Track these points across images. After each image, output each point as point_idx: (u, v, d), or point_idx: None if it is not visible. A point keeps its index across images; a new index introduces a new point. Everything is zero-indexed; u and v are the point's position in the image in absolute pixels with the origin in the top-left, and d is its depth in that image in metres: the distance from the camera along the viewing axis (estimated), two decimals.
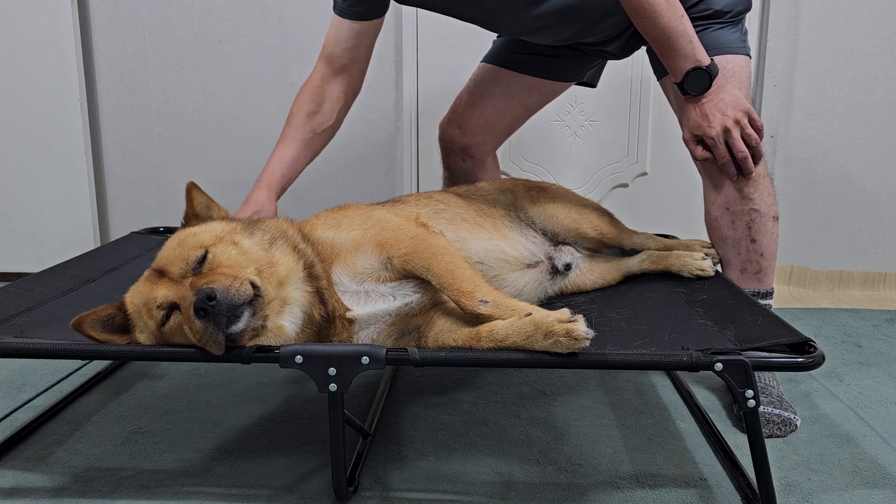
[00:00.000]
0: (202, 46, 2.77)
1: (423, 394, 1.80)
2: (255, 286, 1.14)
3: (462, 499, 1.34)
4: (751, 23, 2.64)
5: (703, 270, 1.64)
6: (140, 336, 1.20)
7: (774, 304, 1.75)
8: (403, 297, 1.29)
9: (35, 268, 2.63)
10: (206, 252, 1.17)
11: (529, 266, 1.58)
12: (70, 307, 1.48)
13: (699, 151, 1.64)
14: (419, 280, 1.30)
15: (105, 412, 1.70)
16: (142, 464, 1.46)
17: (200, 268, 1.15)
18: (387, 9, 1.77)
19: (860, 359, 2.07)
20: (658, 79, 1.80)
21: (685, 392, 1.79)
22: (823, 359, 1.16)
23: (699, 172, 1.72)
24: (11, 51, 2.68)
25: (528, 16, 1.68)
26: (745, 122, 1.57)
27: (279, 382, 1.85)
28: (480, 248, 1.48)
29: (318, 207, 1.50)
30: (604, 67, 2.09)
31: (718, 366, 1.14)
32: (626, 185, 2.80)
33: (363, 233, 1.32)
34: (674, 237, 1.89)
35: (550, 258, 1.64)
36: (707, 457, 1.49)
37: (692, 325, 1.35)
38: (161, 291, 1.16)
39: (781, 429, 1.58)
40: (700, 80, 1.56)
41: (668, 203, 2.78)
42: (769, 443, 1.52)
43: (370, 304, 1.28)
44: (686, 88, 1.57)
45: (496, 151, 2.15)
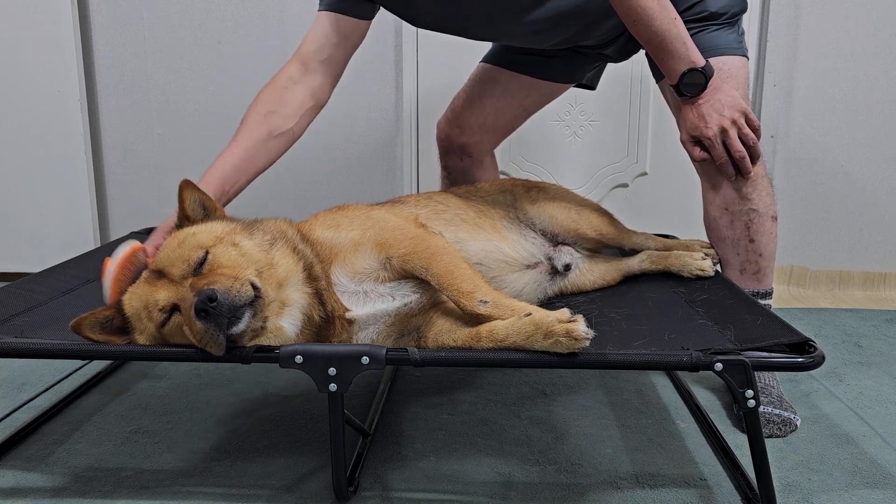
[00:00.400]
0: (202, 46, 2.77)
1: (423, 394, 1.80)
2: (256, 287, 1.13)
3: (462, 499, 1.34)
4: (751, 23, 2.65)
5: (703, 270, 1.64)
6: (139, 338, 1.20)
7: (774, 304, 1.75)
8: (402, 298, 1.29)
9: (35, 268, 2.63)
10: (207, 253, 1.17)
11: (529, 267, 1.58)
12: (70, 307, 1.48)
13: (697, 152, 1.64)
14: (418, 280, 1.30)
15: (105, 412, 1.70)
16: (142, 464, 1.46)
17: (201, 269, 1.15)
18: (373, 15, 1.75)
19: (860, 359, 2.07)
20: (656, 81, 1.80)
21: (685, 392, 1.79)
22: (823, 359, 1.16)
23: (697, 173, 1.72)
24: (11, 51, 2.68)
25: (523, 21, 1.68)
26: (742, 123, 1.57)
27: (279, 382, 1.85)
28: (480, 249, 1.48)
29: (318, 207, 1.50)
30: (603, 69, 2.09)
31: (718, 366, 1.14)
32: (626, 185, 2.80)
33: (362, 233, 1.32)
34: (674, 237, 1.89)
35: (550, 259, 1.64)
36: (707, 457, 1.49)
37: (692, 325, 1.35)
38: (161, 293, 1.15)
39: (781, 429, 1.58)
40: (695, 81, 1.56)
41: (668, 203, 2.78)
42: (769, 443, 1.52)
43: (369, 305, 1.28)
44: (682, 90, 1.57)
45: (494, 151, 2.15)
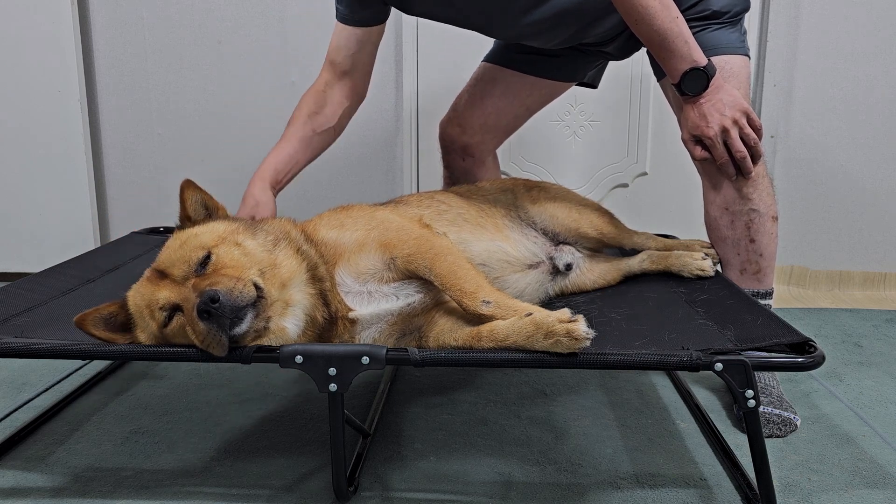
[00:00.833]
0: (202, 46, 2.77)
1: (423, 394, 1.80)
2: (259, 287, 1.13)
3: (462, 499, 1.34)
4: (751, 23, 2.65)
5: (703, 270, 1.64)
6: (141, 336, 1.20)
7: (774, 304, 1.75)
8: (406, 298, 1.29)
9: (35, 268, 2.63)
10: (209, 253, 1.16)
11: (531, 266, 1.58)
12: (70, 307, 1.48)
13: (698, 152, 1.64)
14: (422, 280, 1.30)
15: (105, 412, 1.70)
16: (142, 464, 1.46)
17: (203, 269, 1.15)
18: (387, 16, 1.78)
19: (860, 359, 2.07)
20: (658, 80, 1.80)
21: (685, 392, 1.79)
22: (823, 359, 1.16)
23: (698, 172, 1.73)
24: (11, 51, 2.68)
25: (524, 22, 1.69)
26: (744, 122, 1.57)
27: (279, 382, 1.85)
28: (483, 250, 1.48)
29: (319, 207, 1.50)
30: (605, 68, 2.09)
31: (718, 366, 1.14)
32: (626, 185, 2.80)
33: (366, 233, 1.32)
34: (674, 237, 1.89)
35: (551, 258, 1.64)
36: (707, 457, 1.49)
37: (692, 325, 1.35)
38: (164, 293, 1.15)
39: (781, 429, 1.58)
40: (697, 81, 1.56)
41: (668, 203, 2.78)
42: (769, 443, 1.52)
43: (373, 305, 1.28)
44: (683, 89, 1.57)
45: (496, 150, 2.15)
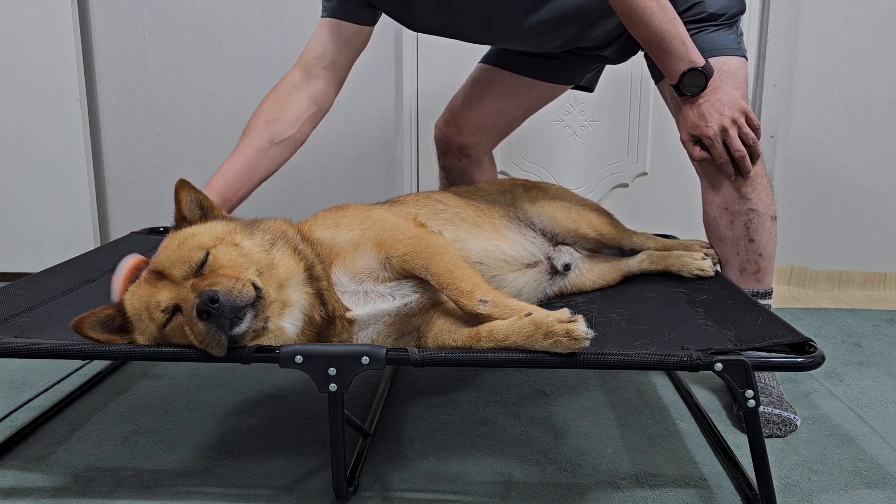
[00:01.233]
0: (202, 46, 2.77)
1: (423, 394, 1.80)
2: (257, 288, 1.13)
3: (462, 499, 1.34)
4: (751, 23, 2.65)
5: (703, 270, 1.64)
6: (139, 338, 1.20)
7: (774, 304, 1.75)
8: (403, 297, 1.29)
9: (35, 268, 2.63)
10: (207, 254, 1.16)
11: (528, 266, 1.58)
12: (70, 307, 1.48)
13: (697, 152, 1.64)
14: (418, 280, 1.30)
15: (105, 412, 1.70)
16: (142, 464, 1.46)
17: (201, 269, 1.15)
18: (375, 21, 1.75)
19: (860, 359, 2.07)
20: (655, 83, 1.80)
21: (685, 392, 1.79)
22: (823, 359, 1.16)
23: (697, 173, 1.73)
24: (11, 51, 2.68)
25: (523, 25, 1.69)
26: (743, 122, 1.57)
27: (279, 382, 1.85)
28: (480, 249, 1.48)
29: (318, 207, 1.50)
30: (602, 71, 2.09)
31: (718, 366, 1.14)
32: (626, 185, 2.80)
33: (362, 233, 1.32)
34: (674, 237, 1.89)
35: (549, 258, 1.64)
36: (707, 457, 1.49)
37: (692, 325, 1.35)
38: (163, 294, 1.15)
39: (781, 429, 1.58)
40: (696, 81, 1.56)
41: (668, 203, 2.78)
42: (769, 443, 1.52)
43: (369, 305, 1.28)
44: (682, 90, 1.58)
45: (493, 151, 2.15)
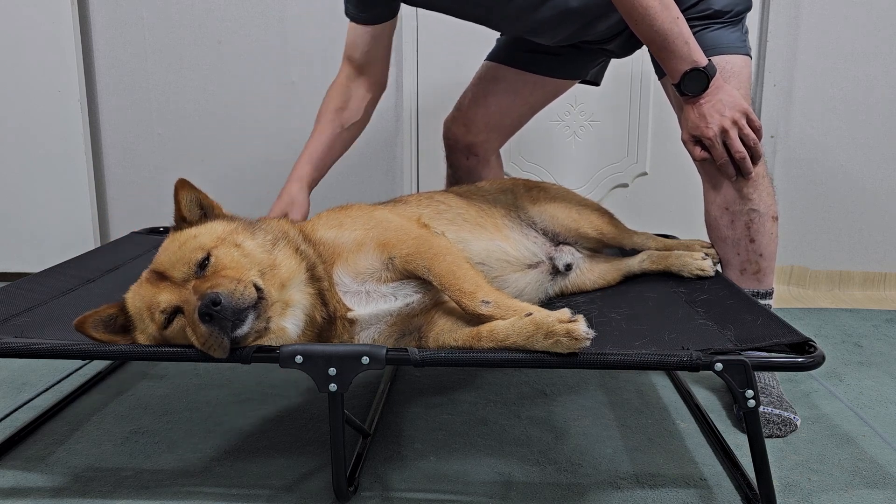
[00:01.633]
0: (202, 46, 2.77)
1: (423, 394, 1.80)
2: (259, 289, 1.13)
3: (462, 499, 1.34)
4: (751, 23, 2.64)
5: (703, 270, 1.64)
6: (140, 338, 1.20)
7: (774, 304, 1.75)
8: (405, 298, 1.29)
9: (35, 268, 2.63)
10: (209, 254, 1.16)
11: (530, 266, 1.58)
12: (70, 307, 1.48)
13: (697, 152, 1.64)
14: (420, 280, 1.30)
15: (105, 412, 1.70)
16: (142, 464, 1.46)
17: (203, 270, 1.15)
18: (397, 11, 1.79)
19: (860, 359, 2.07)
20: (659, 78, 1.80)
21: (685, 392, 1.79)
22: (823, 359, 1.16)
23: (699, 172, 1.73)
24: (11, 51, 2.68)
25: (531, 18, 1.69)
26: (743, 123, 1.57)
27: (279, 382, 1.85)
28: (482, 249, 1.48)
29: (319, 207, 1.51)
30: (607, 65, 2.09)
31: (718, 366, 1.14)
32: (626, 185, 2.80)
33: (365, 233, 1.32)
34: (674, 237, 1.89)
35: (551, 258, 1.64)
36: (707, 457, 1.49)
37: (692, 325, 1.35)
38: (164, 295, 1.15)
39: (781, 429, 1.58)
40: (697, 81, 1.56)
41: (668, 203, 2.78)
42: (769, 443, 1.52)
43: (371, 305, 1.28)
44: (683, 90, 1.57)
45: (500, 150, 2.16)
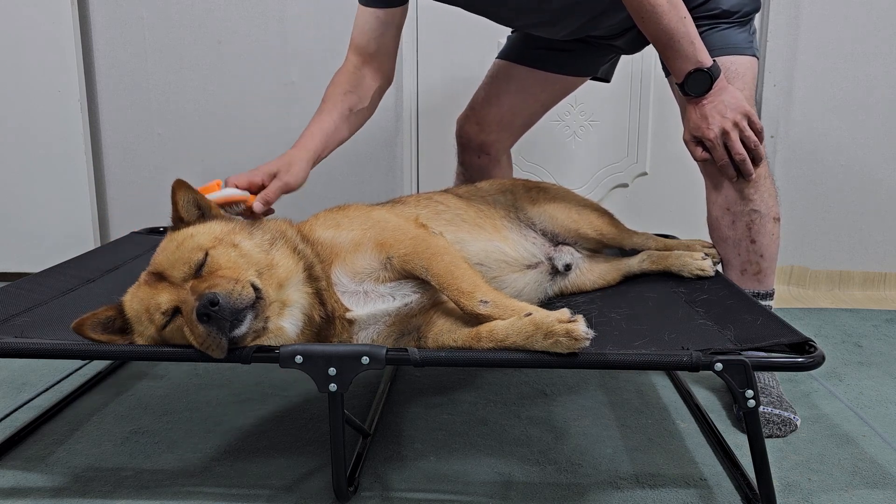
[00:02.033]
0: (202, 46, 2.77)
1: (423, 394, 1.80)
2: (257, 289, 1.13)
3: (462, 499, 1.34)
4: None
5: (703, 270, 1.64)
6: (138, 339, 1.20)
7: (774, 305, 1.75)
8: (403, 298, 1.29)
9: (35, 268, 2.62)
10: (206, 255, 1.16)
11: (529, 267, 1.58)
12: (70, 307, 1.48)
13: (699, 152, 1.64)
14: (418, 280, 1.30)
15: (105, 412, 1.70)
16: (142, 464, 1.46)
17: (201, 271, 1.15)
18: None
19: (860, 359, 2.07)
20: (666, 75, 1.79)
21: (685, 392, 1.79)
22: (823, 359, 1.16)
23: (701, 172, 1.73)
24: (11, 51, 2.68)
25: (538, 9, 1.71)
26: (745, 125, 1.57)
27: (279, 382, 1.85)
28: (480, 250, 1.48)
29: (318, 207, 1.50)
30: (617, 62, 2.10)
31: (718, 366, 1.14)
32: (626, 185, 2.80)
33: (363, 233, 1.32)
34: (674, 237, 1.89)
35: (550, 259, 1.64)
36: (707, 457, 1.49)
37: (692, 325, 1.35)
38: (162, 296, 1.15)
39: (781, 429, 1.58)
40: (700, 82, 1.56)
41: (668, 203, 2.78)
42: (769, 443, 1.52)
43: (370, 305, 1.28)
44: (687, 90, 1.58)
45: (510, 150, 2.16)
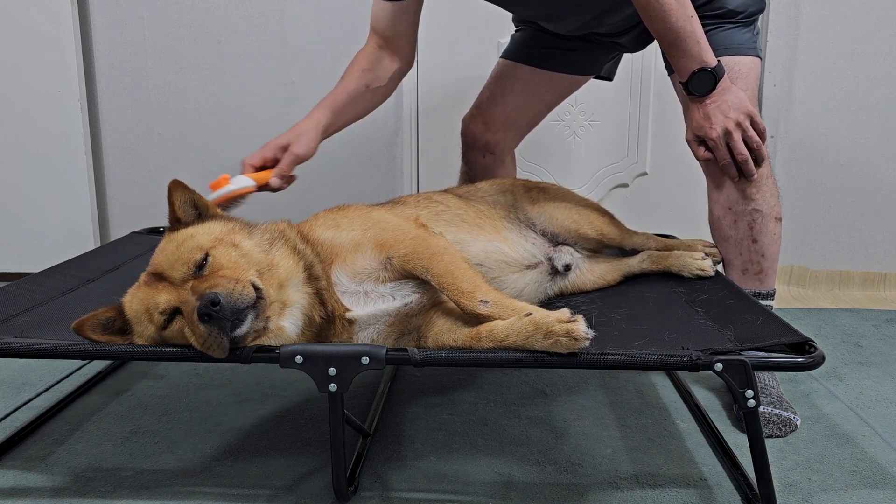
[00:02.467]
0: (202, 46, 2.77)
1: (423, 394, 1.80)
2: (258, 288, 1.13)
3: (462, 499, 1.34)
4: None
5: (703, 270, 1.64)
6: (138, 340, 1.20)
7: (775, 305, 1.75)
8: (403, 298, 1.29)
9: (35, 268, 2.61)
10: (207, 255, 1.16)
11: (529, 267, 1.58)
12: (70, 307, 1.48)
13: (701, 152, 1.64)
14: (418, 280, 1.30)
15: (105, 412, 1.70)
16: (142, 464, 1.46)
17: (201, 271, 1.15)
18: None
19: (860, 359, 2.07)
20: (669, 74, 1.80)
21: (685, 392, 1.79)
22: (823, 359, 1.16)
23: (703, 172, 1.73)
24: (11, 51, 2.68)
25: (543, 2, 1.73)
26: (747, 125, 1.57)
27: (279, 382, 1.85)
28: (480, 250, 1.48)
29: (318, 207, 1.50)
30: (620, 60, 2.10)
31: (718, 366, 1.14)
32: (626, 185, 2.80)
33: (363, 233, 1.32)
34: (674, 237, 1.89)
35: (550, 259, 1.64)
36: (707, 457, 1.49)
37: (692, 325, 1.35)
38: (163, 296, 1.15)
39: (781, 429, 1.58)
40: (705, 82, 1.56)
41: (668, 203, 2.78)
42: (769, 443, 1.52)
43: (370, 305, 1.28)
44: (690, 89, 1.58)
45: (514, 150, 2.16)
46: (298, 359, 1.14)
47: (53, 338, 1.27)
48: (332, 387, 1.15)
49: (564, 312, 1.13)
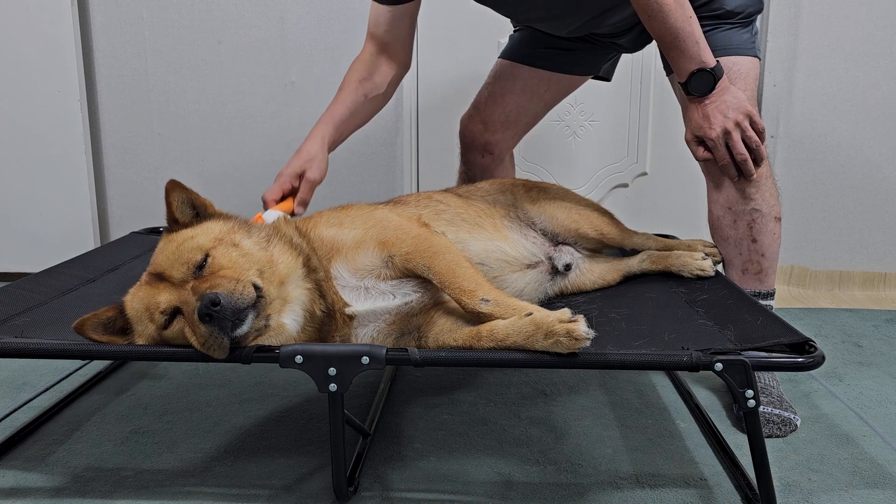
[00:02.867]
0: (202, 46, 2.77)
1: (423, 394, 1.80)
2: (258, 288, 1.13)
3: (462, 499, 1.34)
4: None
5: (704, 270, 1.64)
6: (138, 339, 1.20)
7: (775, 304, 1.75)
8: (403, 296, 1.29)
9: (35, 268, 2.62)
10: (207, 255, 1.16)
11: (529, 266, 1.58)
12: (70, 307, 1.48)
13: (700, 152, 1.64)
14: (419, 279, 1.30)
15: (105, 412, 1.70)
16: (142, 464, 1.46)
17: (201, 271, 1.15)
18: None
19: (860, 359, 2.07)
20: (667, 74, 1.80)
21: (685, 392, 1.79)
22: (823, 359, 1.16)
23: (702, 172, 1.73)
24: (11, 51, 2.68)
25: (541, 4, 1.72)
26: (746, 125, 1.57)
27: (279, 382, 1.85)
28: (481, 249, 1.48)
29: (318, 207, 1.51)
30: (618, 61, 2.11)
31: (718, 366, 1.14)
32: (626, 185, 2.80)
33: (365, 231, 1.32)
34: (674, 237, 1.89)
35: (550, 258, 1.64)
36: (707, 457, 1.49)
37: (692, 325, 1.35)
38: (163, 297, 1.15)
39: (781, 429, 1.58)
40: (704, 82, 1.56)
41: (668, 203, 2.78)
42: (769, 443, 1.52)
43: (370, 301, 1.28)
44: (690, 89, 1.58)
45: (513, 150, 2.16)
46: (298, 359, 1.14)
47: (53, 338, 1.27)
48: (332, 387, 1.15)
49: (565, 312, 1.13)
